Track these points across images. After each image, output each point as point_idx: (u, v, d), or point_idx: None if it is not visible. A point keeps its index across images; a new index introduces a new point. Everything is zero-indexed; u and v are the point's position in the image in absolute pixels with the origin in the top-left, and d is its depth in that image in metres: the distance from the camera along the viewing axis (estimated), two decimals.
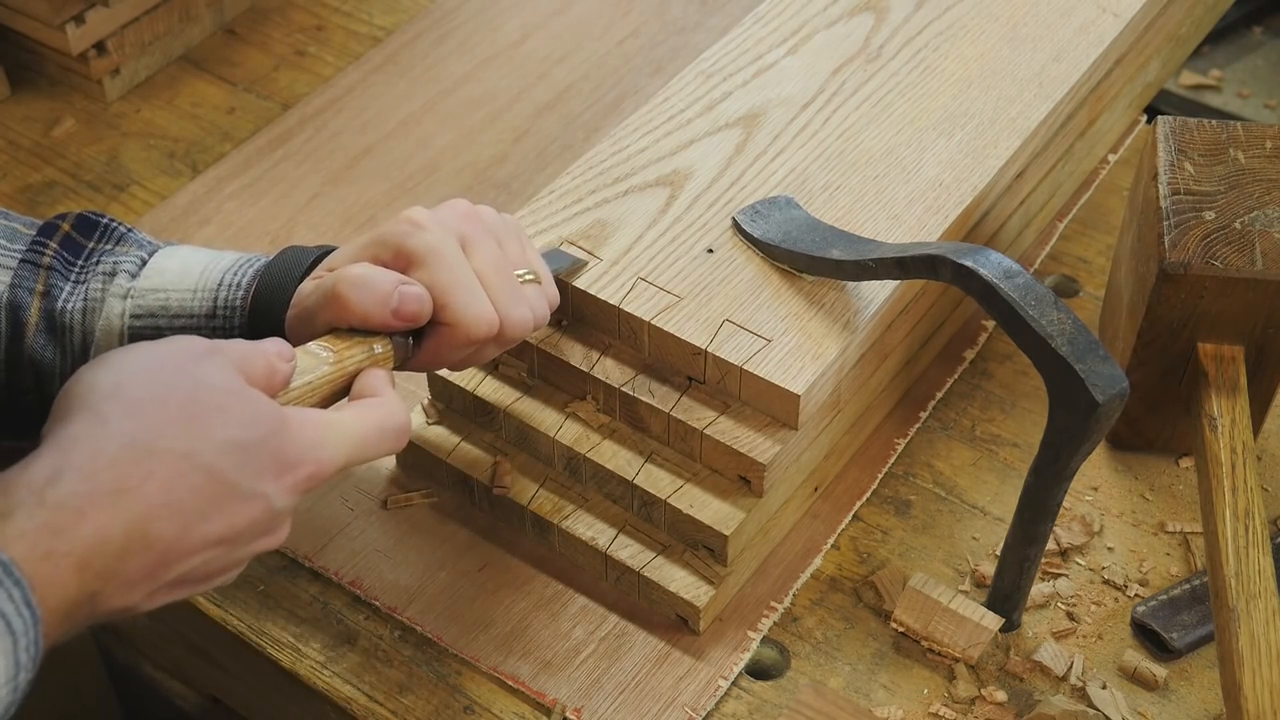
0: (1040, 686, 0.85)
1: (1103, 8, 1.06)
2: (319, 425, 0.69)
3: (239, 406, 0.66)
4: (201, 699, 1.06)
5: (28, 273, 0.83)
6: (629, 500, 0.87)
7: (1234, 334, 0.89)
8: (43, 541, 0.59)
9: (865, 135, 0.97)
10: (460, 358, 0.78)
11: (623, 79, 1.27)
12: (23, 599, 0.58)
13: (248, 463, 0.65)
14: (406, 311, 0.74)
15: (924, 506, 0.94)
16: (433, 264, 0.75)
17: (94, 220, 0.86)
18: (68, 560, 0.60)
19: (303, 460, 0.67)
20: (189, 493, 0.63)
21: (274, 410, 0.67)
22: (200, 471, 0.63)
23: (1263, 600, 0.78)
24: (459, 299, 0.75)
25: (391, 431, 0.72)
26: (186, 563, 0.64)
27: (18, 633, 0.58)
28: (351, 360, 0.73)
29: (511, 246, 0.80)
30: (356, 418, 0.71)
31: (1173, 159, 0.93)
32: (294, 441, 0.67)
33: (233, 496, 0.64)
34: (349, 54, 1.31)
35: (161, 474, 0.62)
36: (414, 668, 0.86)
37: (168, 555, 0.63)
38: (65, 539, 0.60)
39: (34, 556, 0.59)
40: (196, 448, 0.63)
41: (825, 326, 0.84)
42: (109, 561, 0.61)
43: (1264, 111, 2.06)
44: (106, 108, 1.26)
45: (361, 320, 0.74)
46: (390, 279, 0.74)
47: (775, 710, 0.84)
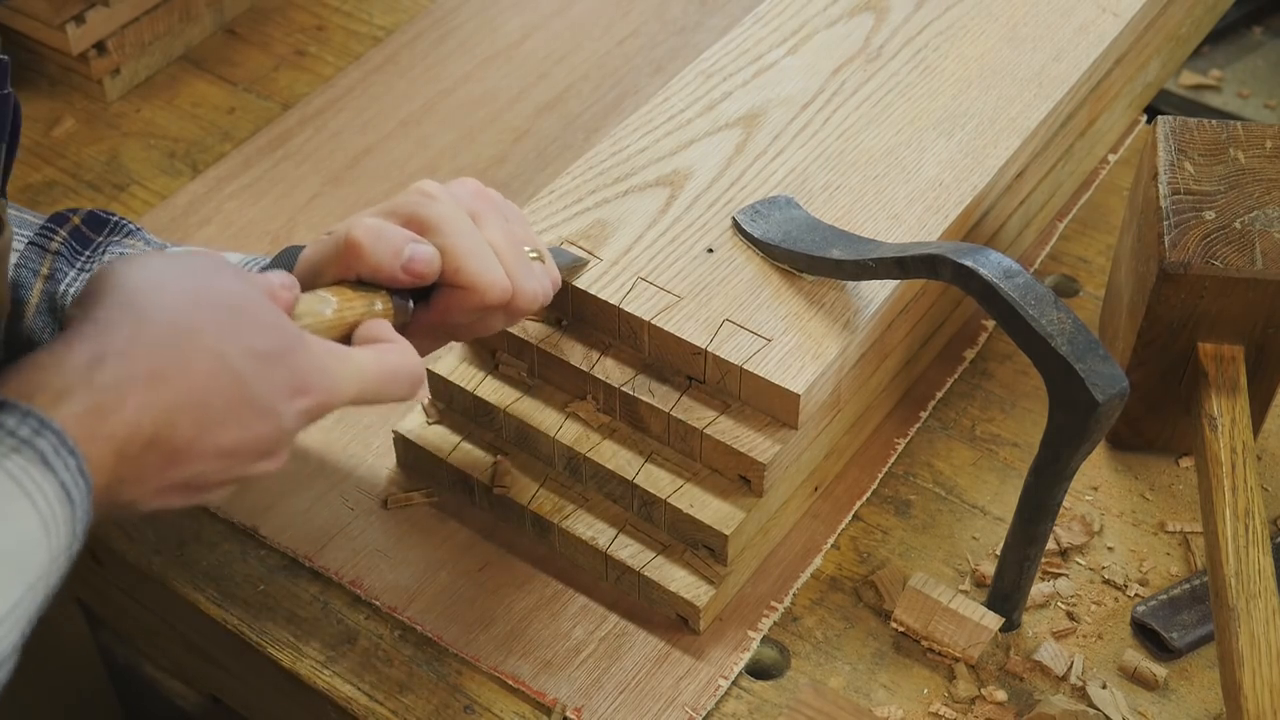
0: (1040, 686, 0.85)
1: (1103, 8, 1.06)
2: (334, 354, 0.69)
3: (264, 315, 0.66)
4: (201, 699, 1.06)
5: (34, 255, 0.83)
6: (629, 500, 0.87)
7: (1234, 334, 0.89)
8: (90, 423, 0.60)
9: (865, 135, 0.97)
10: (467, 323, 0.78)
11: (623, 79, 1.27)
12: (78, 468, 0.59)
13: (268, 375, 0.65)
14: (416, 267, 0.74)
15: (924, 506, 0.94)
16: (446, 230, 0.76)
17: (104, 218, 0.87)
18: (109, 444, 0.60)
19: (316, 385, 0.68)
20: (215, 393, 0.63)
21: (294, 328, 0.68)
22: (228, 374, 0.64)
23: (1263, 600, 0.78)
24: (474, 263, 0.75)
25: (404, 376, 0.72)
26: (194, 466, 0.64)
27: (75, 501, 0.59)
28: (352, 312, 0.73)
29: (517, 226, 0.81)
30: (372, 356, 0.71)
31: (1173, 159, 0.93)
32: (310, 363, 0.68)
33: (250, 406, 0.65)
34: (349, 54, 1.31)
35: (195, 368, 0.63)
36: (414, 667, 0.86)
37: (182, 453, 0.63)
38: (110, 422, 0.60)
39: (85, 438, 0.60)
40: (227, 350, 0.64)
41: (825, 326, 0.84)
42: (138, 449, 0.61)
43: (1264, 111, 2.06)
44: (106, 108, 1.26)
45: (372, 271, 0.74)
46: (403, 234, 0.75)
47: (775, 710, 0.84)
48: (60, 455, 0.58)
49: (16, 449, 0.57)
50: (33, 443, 0.58)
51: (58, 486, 0.58)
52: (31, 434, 0.58)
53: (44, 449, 0.58)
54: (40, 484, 0.57)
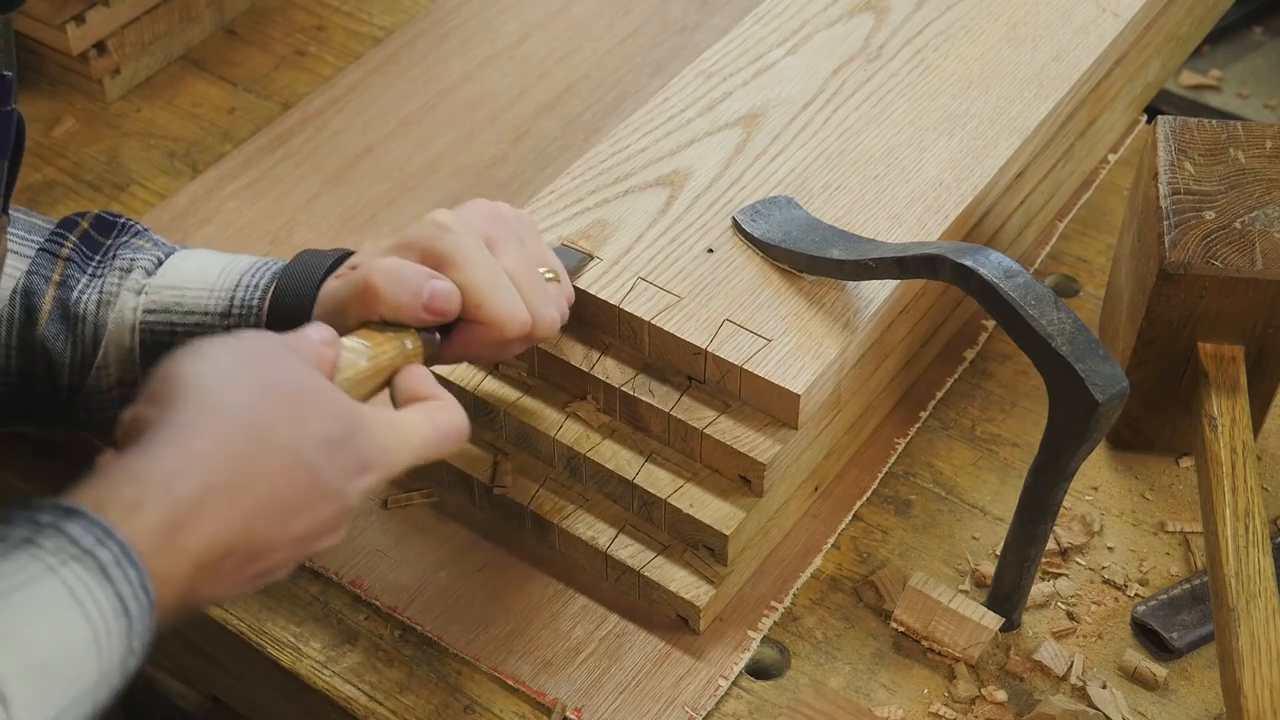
0: (1040, 686, 0.85)
1: (1103, 8, 1.06)
2: (390, 425, 0.69)
3: (327, 401, 0.66)
4: (201, 699, 1.06)
5: (45, 261, 0.83)
6: (629, 500, 0.87)
7: (1234, 334, 0.89)
8: (166, 536, 0.59)
9: (865, 135, 0.97)
10: (487, 354, 0.78)
11: (623, 79, 1.27)
12: (139, 582, 0.58)
13: (336, 460, 0.65)
14: (437, 306, 0.74)
15: (924, 506, 0.94)
16: (464, 264, 0.75)
17: (110, 220, 0.87)
18: (185, 557, 0.60)
19: (378, 462, 0.67)
20: (290, 489, 0.63)
21: (354, 407, 0.67)
22: (302, 468, 0.63)
23: (1263, 600, 0.78)
24: (493, 299, 0.75)
25: (454, 434, 0.72)
26: (271, 558, 0.64)
27: (134, 616, 0.58)
28: (385, 356, 0.73)
29: (532, 244, 0.80)
30: (423, 420, 0.71)
31: (1173, 159, 0.93)
32: (371, 441, 0.67)
33: (321, 494, 0.65)
34: (349, 54, 1.31)
35: (273, 469, 0.62)
36: (414, 667, 0.86)
37: (262, 551, 0.63)
38: (185, 536, 0.60)
39: (157, 551, 0.59)
40: (299, 443, 0.64)
41: (825, 326, 0.84)
42: (217, 559, 0.61)
43: (1264, 111, 2.06)
44: (107, 108, 1.26)
45: (393, 312, 0.74)
46: (422, 272, 0.74)
47: (775, 710, 0.84)
48: (121, 567, 0.57)
49: (77, 557, 0.56)
50: (94, 552, 0.57)
51: (114, 599, 0.57)
52: (94, 543, 0.57)
53: (104, 559, 0.57)
54: (95, 594, 0.56)
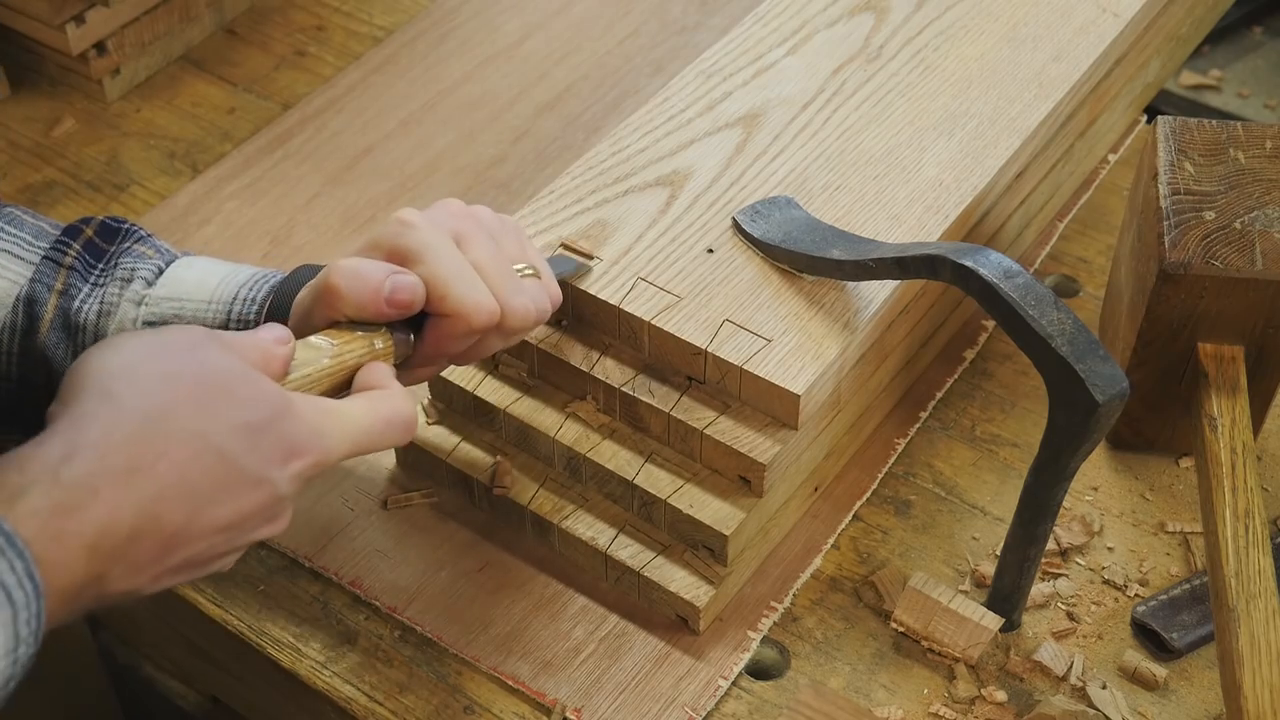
0: (1040, 686, 0.85)
1: (1103, 8, 1.06)
2: (324, 412, 0.69)
3: (246, 389, 0.66)
4: (201, 699, 1.06)
5: (49, 270, 0.83)
6: (629, 500, 0.87)
7: (1234, 334, 0.89)
8: (54, 522, 0.59)
9: (865, 135, 0.97)
10: (463, 349, 0.77)
11: (623, 79, 1.27)
12: (25, 571, 0.58)
13: (256, 446, 0.65)
14: (399, 299, 0.73)
15: (924, 506, 0.94)
16: (428, 258, 0.75)
17: (115, 226, 0.86)
18: (78, 541, 0.59)
19: (308, 447, 0.67)
20: (200, 475, 0.63)
21: (279, 393, 0.67)
22: (212, 453, 0.63)
23: (1263, 600, 0.78)
24: (457, 289, 0.74)
25: (398, 424, 0.72)
26: (193, 547, 0.64)
27: (18, 605, 0.57)
28: (351, 355, 0.73)
29: (509, 243, 0.80)
30: (362, 408, 0.71)
31: (1173, 159, 0.93)
32: (300, 427, 0.67)
33: (241, 481, 0.64)
34: (349, 54, 1.31)
35: (175, 454, 0.62)
36: (414, 668, 0.86)
37: (176, 539, 0.63)
38: (77, 519, 0.59)
39: (45, 537, 0.59)
40: (208, 429, 0.63)
41: (825, 326, 0.84)
42: (119, 543, 0.61)
43: (1264, 111, 2.06)
44: (106, 108, 1.26)
45: (356, 310, 0.73)
46: (382, 268, 0.74)
47: (775, 710, 0.84)
48: (5, 556, 0.57)
49: None
50: None
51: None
52: None
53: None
54: None
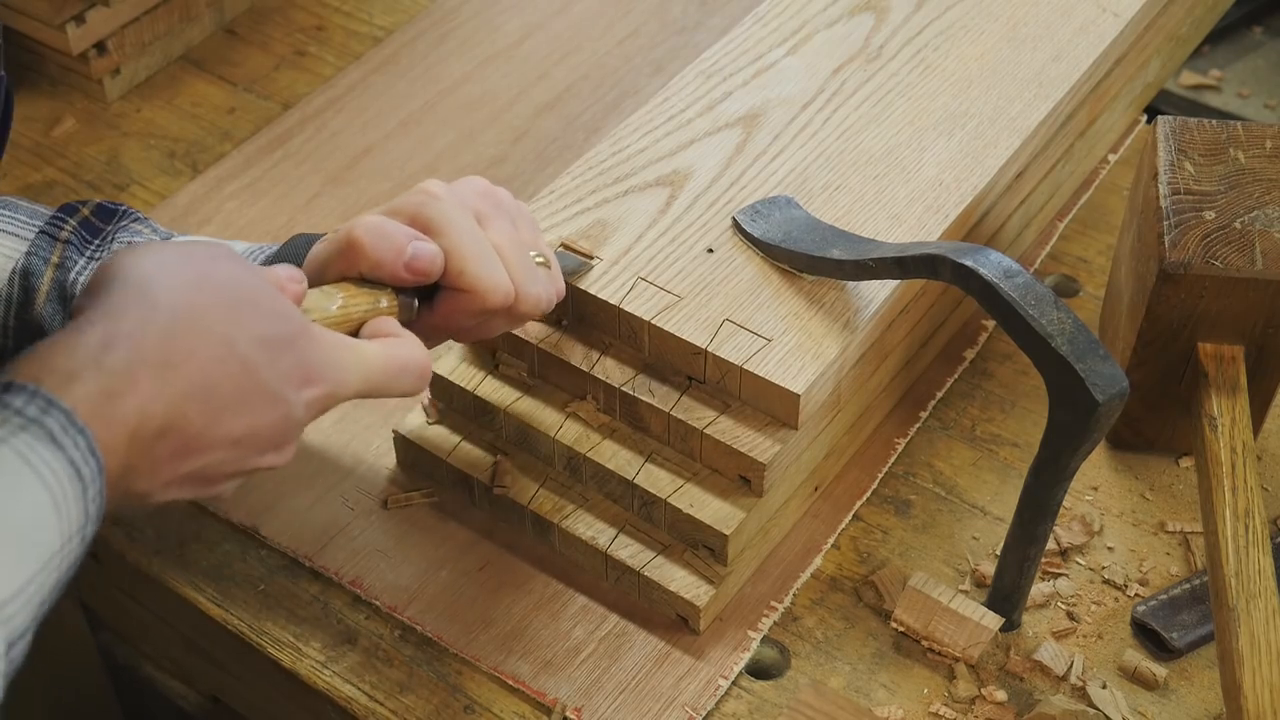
0: (1040, 686, 0.85)
1: (1103, 8, 1.06)
2: (341, 345, 0.69)
3: (270, 303, 0.66)
4: (201, 699, 1.06)
5: (44, 243, 0.84)
6: (629, 500, 0.87)
7: (1234, 334, 0.89)
8: (102, 406, 0.60)
9: (865, 135, 0.97)
10: (469, 326, 0.78)
11: (623, 79, 1.27)
12: (88, 446, 0.59)
13: (277, 361, 0.65)
14: (419, 265, 0.74)
15: (924, 506, 0.94)
16: (450, 231, 0.75)
17: (112, 208, 0.87)
18: (122, 428, 0.60)
19: (324, 375, 0.68)
20: (224, 379, 0.63)
21: (300, 316, 0.68)
22: (236, 359, 0.64)
23: (1263, 600, 0.78)
24: (476, 266, 0.75)
25: (414, 369, 0.72)
26: (206, 455, 0.64)
27: (86, 480, 0.58)
28: (358, 309, 0.73)
29: (525, 229, 0.81)
30: (379, 349, 0.71)
31: (1173, 159, 0.93)
32: (318, 353, 0.68)
33: (260, 393, 0.65)
34: (349, 54, 1.31)
35: (203, 354, 0.63)
36: (414, 667, 0.86)
37: (194, 442, 0.63)
38: (120, 405, 0.60)
39: (97, 420, 0.59)
40: (235, 334, 0.64)
41: (825, 326, 0.84)
42: (149, 436, 0.61)
43: (1264, 111, 2.06)
44: (106, 108, 1.26)
45: (374, 268, 0.74)
46: (406, 232, 0.74)
47: (775, 710, 0.84)
48: (69, 434, 0.58)
49: (24, 427, 0.57)
50: (41, 421, 0.58)
51: (67, 464, 0.58)
52: (39, 413, 0.58)
53: (52, 427, 0.58)
54: (50, 461, 0.57)
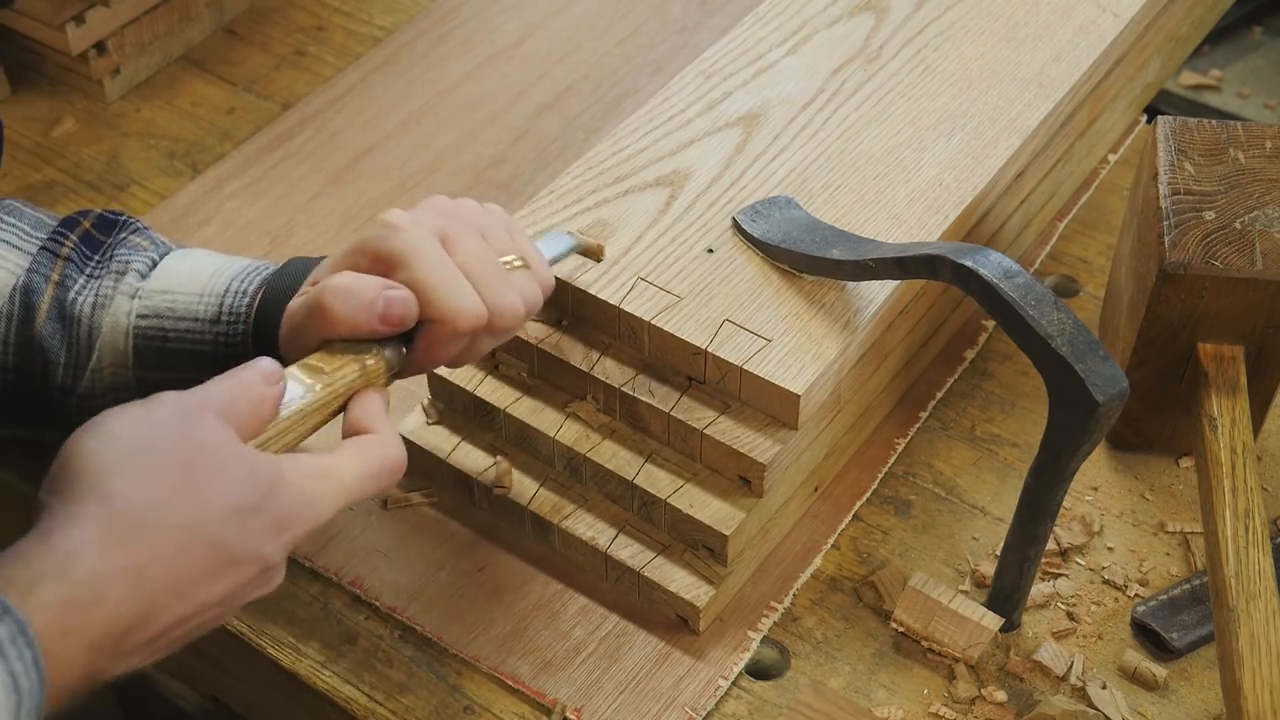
0: (1040, 686, 0.85)
1: (1103, 8, 1.06)
2: (314, 478, 0.68)
3: (235, 468, 0.65)
4: (201, 699, 1.06)
5: (45, 260, 0.83)
6: (629, 500, 0.87)
7: (1234, 334, 0.89)
8: (62, 618, 0.59)
9: (865, 135, 0.97)
10: (454, 352, 0.77)
11: (623, 79, 1.27)
12: (33, 660, 0.58)
13: (246, 527, 0.64)
14: (393, 315, 0.73)
15: (924, 506, 0.94)
16: (412, 263, 0.74)
17: (112, 219, 0.87)
18: (81, 640, 0.60)
19: (300, 516, 0.67)
20: (192, 565, 0.63)
21: (269, 468, 0.66)
22: (203, 543, 0.63)
23: (1263, 600, 0.78)
24: (441, 294, 0.74)
25: (388, 473, 0.71)
26: (184, 627, 0.64)
27: (24, 692, 0.57)
28: (342, 381, 0.72)
29: (496, 235, 0.79)
30: (352, 461, 0.70)
31: (1173, 159, 0.93)
32: (292, 498, 0.66)
33: (233, 562, 0.64)
34: (349, 54, 1.31)
35: (167, 550, 0.62)
36: (414, 668, 0.86)
37: (168, 626, 0.63)
38: (83, 618, 0.60)
39: (53, 632, 0.59)
40: (200, 518, 0.63)
41: (825, 326, 0.84)
42: (115, 640, 0.61)
43: (1264, 111, 2.06)
44: (106, 108, 1.26)
45: (350, 329, 0.73)
46: (373, 284, 0.73)
47: (775, 710, 0.84)
48: (16, 645, 0.57)
49: None
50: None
51: (6, 675, 0.56)
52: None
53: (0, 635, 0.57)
54: None
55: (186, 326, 0.82)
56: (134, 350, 0.82)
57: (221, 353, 0.81)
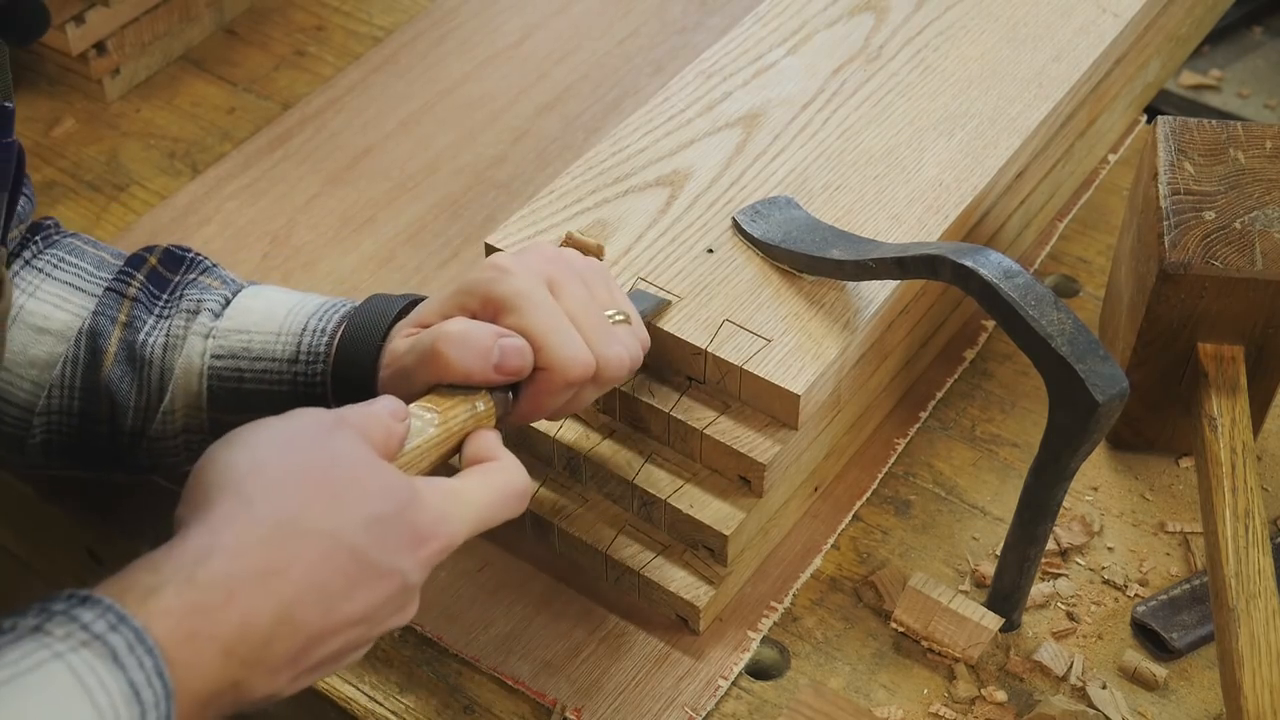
0: (1040, 686, 0.85)
1: (1103, 8, 1.06)
2: (447, 496, 0.67)
3: (374, 480, 0.64)
4: None
5: (112, 301, 0.82)
6: (629, 500, 0.87)
7: (1234, 334, 0.89)
8: (188, 622, 0.57)
9: (865, 135, 0.97)
10: (559, 403, 0.75)
11: (623, 79, 1.27)
12: (154, 669, 0.56)
13: (386, 538, 0.63)
14: (509, 366, 0.72)
15: (924, 506, 0.94)
16: (523, 308, 0.73)
17: (180, 255, 0.85)
18: (213, 645, 0.58)
19: (435, 533, 0.66)
20: (333, 573, 0.62)
21: (406, 482, 0.66)
22: (344, 551, 0.62)
23: (1263, 600, 0.78)
24: (552, 341, 0.73)
25: (514, 497, 0.70)
26: (328, 644, 0.62)
27: (147, 704, 0.56)
28: (456, 421, 0.72)
29: (599, 288, 0.78)
30: (480, 486, 0.69)
31: (1173, 159, 0.93)
32: (427, 514, 0.66)
33: (373, 574, 0.63)
34: (349, 54, 1.31)
35: (308, 555, 0.61)
36: (414, 668, 0.86)
37: (312, 638, 0.61)
38: (212, 621, 0.58)
39: (178, 637, 0.57)
40: (340, 526, 0.62)
41: (825, 326, 0.84)
42: (255, 647, 0.59)
43: (1264, 111, 2.06)
44: (106, 108, 1.26)
45: (464, 377, 0.72)
46: (489, 333, 0.72)
47: (775, 710, 0.84)
48: (135, 654, 0.56)
49: (87, 643, 0.55)
50: (105, 637, 0.55)
51: (126, 685, 0.55)
52: (106, 629, 0.56)
53: (116, 645, 0.55)
54: (105, 682, 0.55)
55: (264, 367, 0.80)
56: (208, 391, 0.81)
57: (300, 392, 0.80)
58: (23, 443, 0.84)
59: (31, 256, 0.86)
